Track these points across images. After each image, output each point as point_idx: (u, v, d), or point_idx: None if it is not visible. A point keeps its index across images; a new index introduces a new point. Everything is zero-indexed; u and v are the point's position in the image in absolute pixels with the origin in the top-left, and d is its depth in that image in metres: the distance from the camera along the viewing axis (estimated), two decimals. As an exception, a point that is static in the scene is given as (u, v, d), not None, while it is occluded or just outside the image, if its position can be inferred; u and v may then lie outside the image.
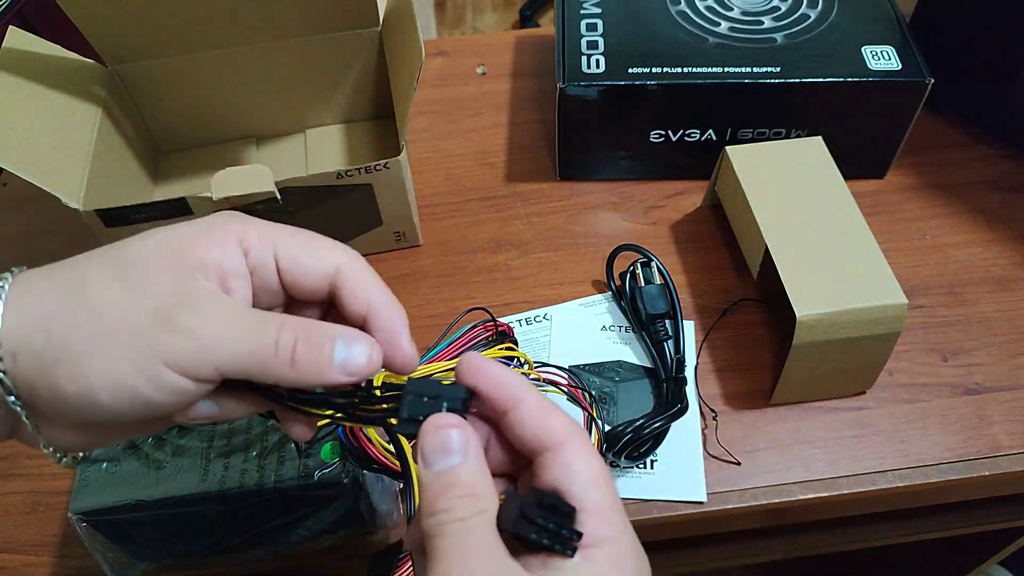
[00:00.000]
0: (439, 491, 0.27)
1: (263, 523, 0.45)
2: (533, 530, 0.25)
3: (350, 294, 0.30)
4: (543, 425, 0.28)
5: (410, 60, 0.54)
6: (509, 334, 0.52)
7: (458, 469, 0.27)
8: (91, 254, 0.28)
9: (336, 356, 0.28)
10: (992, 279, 0.59)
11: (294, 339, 0.27)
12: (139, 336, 0.26)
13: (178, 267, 0.27)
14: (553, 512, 0.26)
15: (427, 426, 0.28)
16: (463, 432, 0.27)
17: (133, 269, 0.27)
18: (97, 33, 0.59)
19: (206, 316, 0.27)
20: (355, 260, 0.30)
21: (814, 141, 0.58)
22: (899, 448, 0.51)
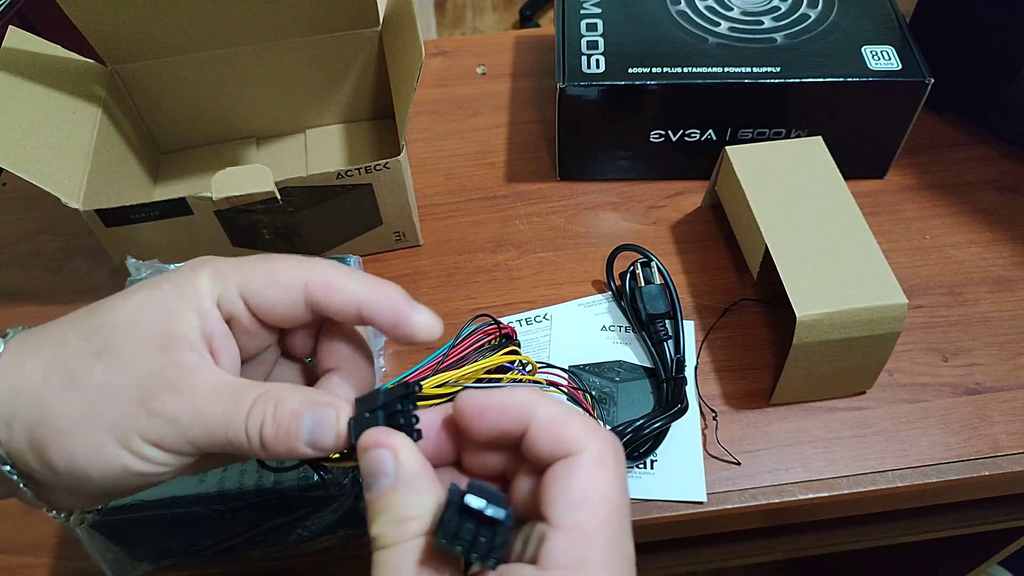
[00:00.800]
0: (373, 516, 0.26)
1: (263, 523, 0.45)
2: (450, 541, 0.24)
3: (330, 306, 0.29)
4: (557, 437, 0.26)
5: (410, 60, 0.54)
6: (512, 337, 0.52)
7: (389, 492, 0.26)
8: (74, 320, 0.29)
9: (303, 434, 0.28)
10: (992, 279, 0.59)
11: (261, 421, 0.27)
12: (122, 418, 0.27)
13: (161, 341, 0.27)
14: (475, 517, 0.24)
15: (359, 447, 0.27)
16: (390, 450, 0.26)
17: (115, 346, 0.27)
18: (97, 33, 0.59)
19: (184, 399, 0.27)
20: (318, 269, 0.30)
21: (814, 141, 0.58)
22: (899, 448, 0.51)
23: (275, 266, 0.30)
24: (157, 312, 0.28)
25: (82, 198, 0.53)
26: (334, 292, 0.29)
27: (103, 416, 0.27)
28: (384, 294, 0.29)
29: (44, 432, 0.27)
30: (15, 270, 0.64)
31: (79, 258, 0.64)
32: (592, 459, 0.26)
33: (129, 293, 0.29)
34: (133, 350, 0.27)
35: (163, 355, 0.27)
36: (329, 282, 0.29)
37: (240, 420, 0.27)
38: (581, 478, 0.25)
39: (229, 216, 0.55)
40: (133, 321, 0.28)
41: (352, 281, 0.29)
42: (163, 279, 0.29)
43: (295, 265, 0.30)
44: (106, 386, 0.27)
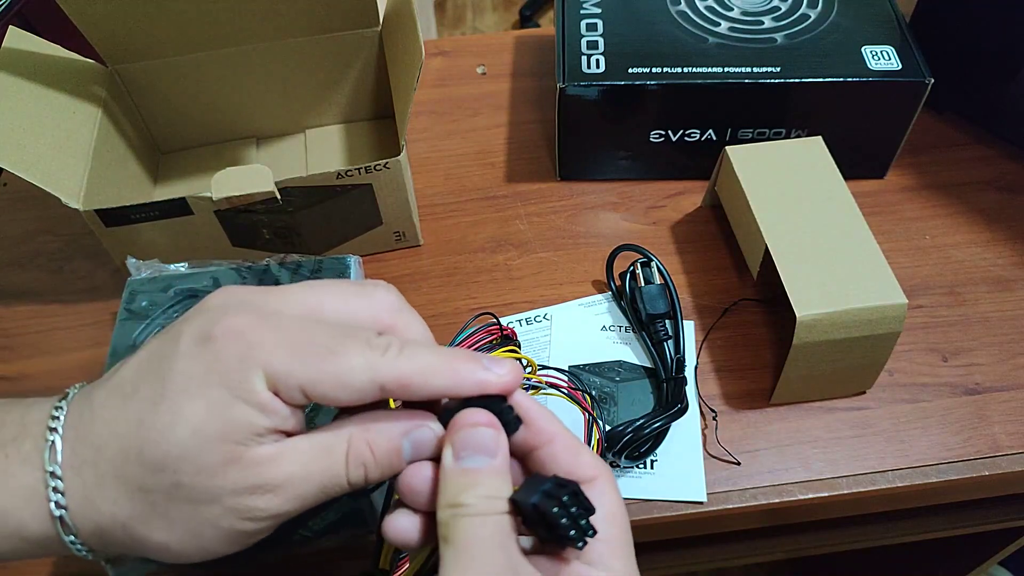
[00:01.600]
0: (464, 486, 0.27)
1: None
2: (555, 506, 0.26)
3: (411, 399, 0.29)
4: (577, 461, 0.30)
5: (410, 60, 0.54)
6: (512, 338, 0.52)
7: (485, 470, 0.28)
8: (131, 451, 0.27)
9: (405, 458, 0.29)
10: (992, 279, 0.59)
11: (364, 470, 0.28)
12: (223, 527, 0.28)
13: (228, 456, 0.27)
14: (579, 500, 0.27)
15: (461, 419, 0.28)
16: (497, 434, 0.28)
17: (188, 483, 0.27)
18: (97, 33, 0.59)
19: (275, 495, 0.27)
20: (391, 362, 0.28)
21: (814, 141, 0.58)
22: (899, 448, 0.51)
23: (340, 369, 0.28)
24: (217, 429, 0.27)
25: (82, 198, 0.53)
26: (415, 393, 0.28)
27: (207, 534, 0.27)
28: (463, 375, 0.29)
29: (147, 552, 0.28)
30: (15, 270, 0.64)
31: (79, 258, 0.64)
32: (610, 483, 0.30)
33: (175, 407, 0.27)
34: (208, 477, 0.27)
35: (238, 466, 0.27)
36: (407, 386, 0.28)
37: (341, 477, 0.28)
38: (608, 499, 0.29)
39: (229, 216, 0.55)
40: (195, 449, 0.27)
41: (428, 376, 0.28)
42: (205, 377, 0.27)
43: (366, 364, 0.28)
44: (197, 518, 0.27)
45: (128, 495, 0.27)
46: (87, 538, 0.28)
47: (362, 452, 0.28)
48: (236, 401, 0.27)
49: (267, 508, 0.28)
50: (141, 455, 0.27)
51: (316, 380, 0.27)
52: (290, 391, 0.28)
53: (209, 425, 0.27)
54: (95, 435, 0.28)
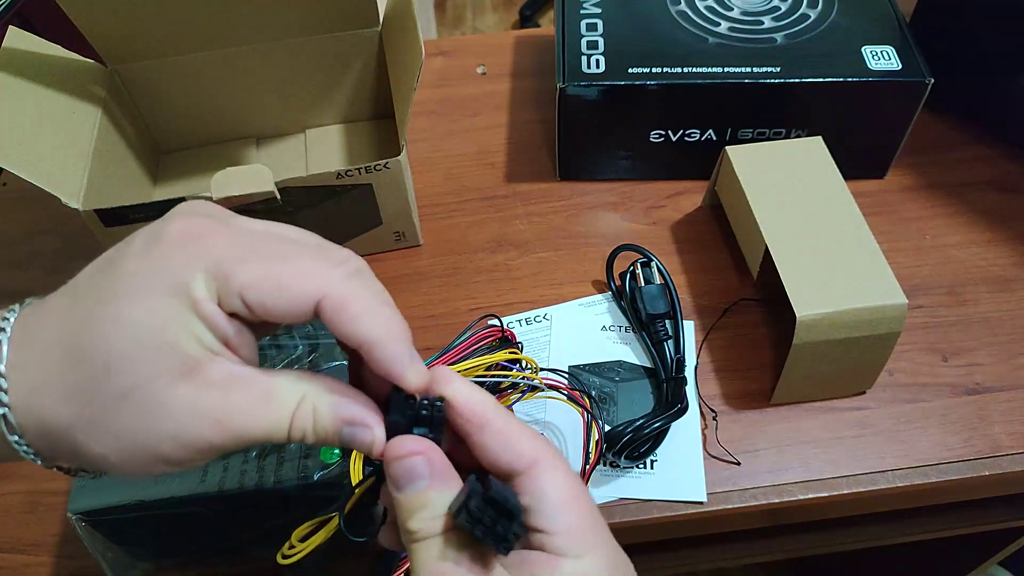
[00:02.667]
0: (410, 513, 0.28)
1: (263, 523, 0.45)
2: (471, 524, 0.26)
3: (336, 330, 0.28)
4: (509, 448, 0.29)
5: (410, 60, 0.54)
6: (511, 340, 0.52)
7: (424, 492, 0.28)
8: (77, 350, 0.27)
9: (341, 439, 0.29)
10: (992, 279, 0.59)
11: (302, 435, 0.28)
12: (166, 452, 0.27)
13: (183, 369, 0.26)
14: (496, 508, 0.27)
15: (389, 452, 0.28)
16: (425, 457, 0.28)
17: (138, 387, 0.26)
18: (97, 33, 0.59)
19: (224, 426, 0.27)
20: (336, 283, 0.27)
21: (814, 141, 0.58)
22: (899, 448, 0.51)
23: (284, 272, 0.27)
24: (163, 338, 0.26)
25: (82, 198, 0.53)
26: (345, 321, 0.28)
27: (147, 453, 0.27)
28: (391, 345, 0.28)
29: (90, 463, 0.27)
30: (15, 270, 0.64)
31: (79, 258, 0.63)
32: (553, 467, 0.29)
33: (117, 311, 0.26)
34: (160, 387, 0.26)
35: (189, 382, 0.26)
36: (343, 307, 0.27)
37: (283, 431, 0.28)
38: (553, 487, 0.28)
39: (229, 216, 0.55)
40: (143, 354, 0.26)
41: (366, 314, 0.28)
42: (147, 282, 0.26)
43: (309, 275, 0.27)
44: (144, 432, 0.26)
45: (73, 397, 0.26)
46: (33, 440, 0.27)
47: (306, 418, 0.28)
48: (177, 304, 0.26)
49: (209, 441, 0.27)
50: (87, 355, 0.26)
51: (256, 282, 0.27)
52: (230, 296, 0.27)
53: (154, 329, 0.26)
54: (44, 334, 0.27)
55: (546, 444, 0.29)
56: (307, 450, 0.44)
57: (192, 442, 0.27)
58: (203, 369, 0.27)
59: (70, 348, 0.27)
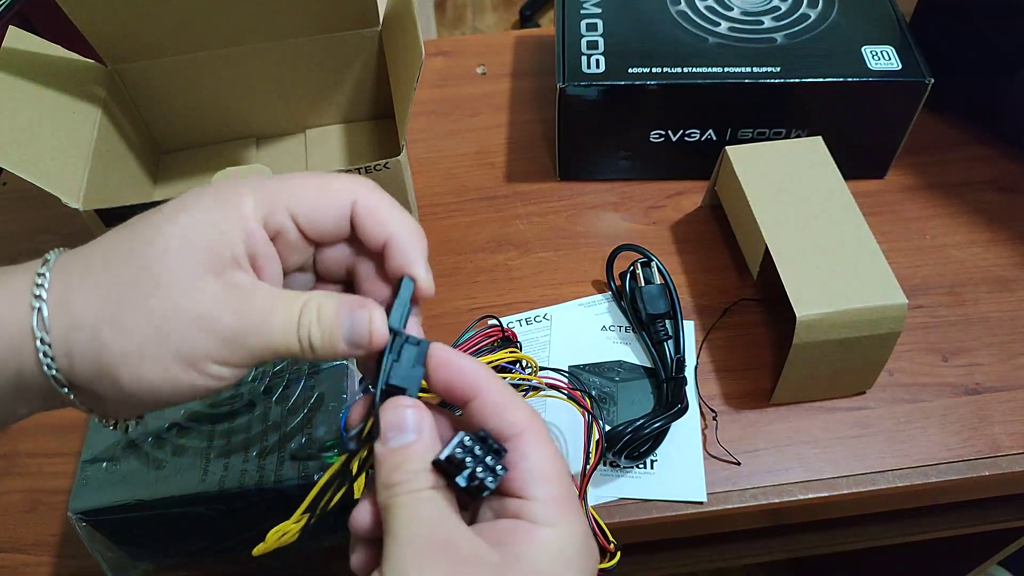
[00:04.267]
0: (394, 465, 0.29)
1: (263, 523, 0.45)
2: (463, 453, 0.28)
3: (367, 228, 0.31)
4: (501, 417, 0.30)
5: (410, 60, 0.54)
6: (512, 340, 0.52)
7: (413, 446, 0.29)
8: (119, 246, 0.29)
9: (343, 334, 0.30)
10: (992, 279, 0.59)
11: (309, 327, 0.29)
12: (190, 343, 0.28)
13: (213, 265, 0.29)
14: (485, 444, 0.29)
15: (385, 406, 0.30)
16: (417, 412, 0.30)
17: (169, 277, 0.28)
18: (97, 33, 0.59)
19: (245, 319, 0.29)
20: (370, 192, 0.31)
21: (814, 141, 0.58)
22: (899, 448, 0.51)
23: (327, 180, 0.31)
24: (205, 236, 0.29)
25: (82, 198, 0.53)
26: (376, 217, 0.31)
27: (170, 343, 0.28)
28: (411, 239, 0.31)
29: (112, 362, 0.28)
30: (15, 270, 0.64)
31: (79, 258, 0.64)
32: (539, 437, 0.30)
33: (172, 214, 0.29)
34: (189, 277, 0.28)
35: (217, 279, 0.28)
36: (376, 205, 0.31)
37: (292, 330, 0.29)
38: (536, 455, 0.29)
39: (229, 216, 0.55)
40: (182, 248, 0.28)
41: (392, 213, 0.31)
42: (205, 197, 0.30)
43: (348, 181, 0.32)
44: (168, 315, 0.28)
45: (110, 289, 0.28)
46: (57, 343, 0.28)
47: (311, 314, 0.29)
48: (226, 220, 0.29)
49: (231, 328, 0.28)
50: (131, 255, 0.29)
51: (300, 190, 0.31)
52: (277, 213, 0.30)
53: (198, 230, 0.29)
54: (91, 245, 0.30)
55: (535, 415, 0.30)
56: (308, 451, 0.44)
57: (216, 328, 0.28)
58: (229, 272, 0.29)
59: (116, 246, 0.29)
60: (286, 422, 0.45)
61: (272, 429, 0.45)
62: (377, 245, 0.31)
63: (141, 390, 0.28)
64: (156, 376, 0.28)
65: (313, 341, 0.30)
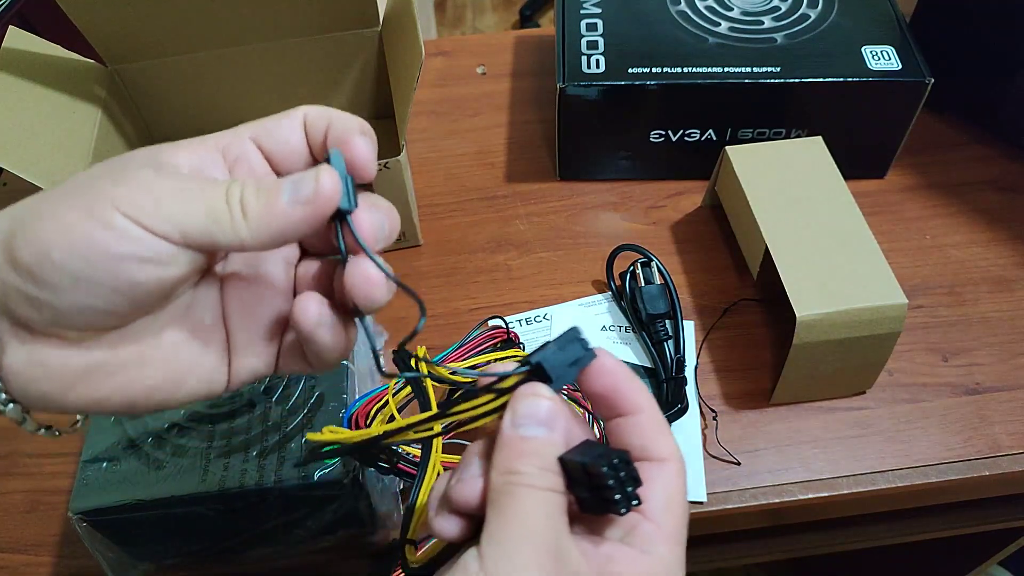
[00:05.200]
0: (520, 453, 0.27)
1: (263, 523, 0.45)
2: (606, 466, 0.26)
3: (314, 128, 0.31)
4: (655, 439, 0.29)
5: (410, 60, 0.54)
6: (516, 342, 0.52)
7: (543, 440, 0.27)
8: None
9: (284, 194, 0.28)
10: (992, 279, 0.59)
11: (240, 191, 0.27)
12: (93, 190, 0.26)
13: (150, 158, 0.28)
14: (626, 466, 0.27)
15: (524, 389, 0.28)
16: (556, 407, 0.28)
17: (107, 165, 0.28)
18: (97, 33, 0.59)
19: (161, 175, 0.27)
20: (317, 108, 0.32)
21: (814, 141, 0.58)
22: (899, 448, 0.51)
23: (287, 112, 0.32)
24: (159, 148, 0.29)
25: (82, 198, 0.53)
26: (321, 114, 0.32)
27: (74, 196, 0.26)
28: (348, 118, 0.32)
29: (14, 228, 0.25)
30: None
31: (79, 258, 0.64)
32: (679, 471, 0.29)
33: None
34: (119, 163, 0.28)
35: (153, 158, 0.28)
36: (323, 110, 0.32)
37: (219, 191, 0.27)
38: (673, 487, 0.29)
39: (229, 216, 0.55)
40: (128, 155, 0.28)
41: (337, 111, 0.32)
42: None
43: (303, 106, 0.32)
44: (83, 175, 0.27)
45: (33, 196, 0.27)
46: None
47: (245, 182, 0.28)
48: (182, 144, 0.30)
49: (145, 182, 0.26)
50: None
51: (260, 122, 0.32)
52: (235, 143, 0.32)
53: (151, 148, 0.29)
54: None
55: (678, 449, 0.29)
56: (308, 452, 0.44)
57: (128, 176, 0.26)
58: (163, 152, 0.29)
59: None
60: (286, 422, 0.45)
61: (272, 429, 0.45)
62: (319, 139, 0.31)
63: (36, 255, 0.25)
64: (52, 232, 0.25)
65: (247, 204, 0.27)
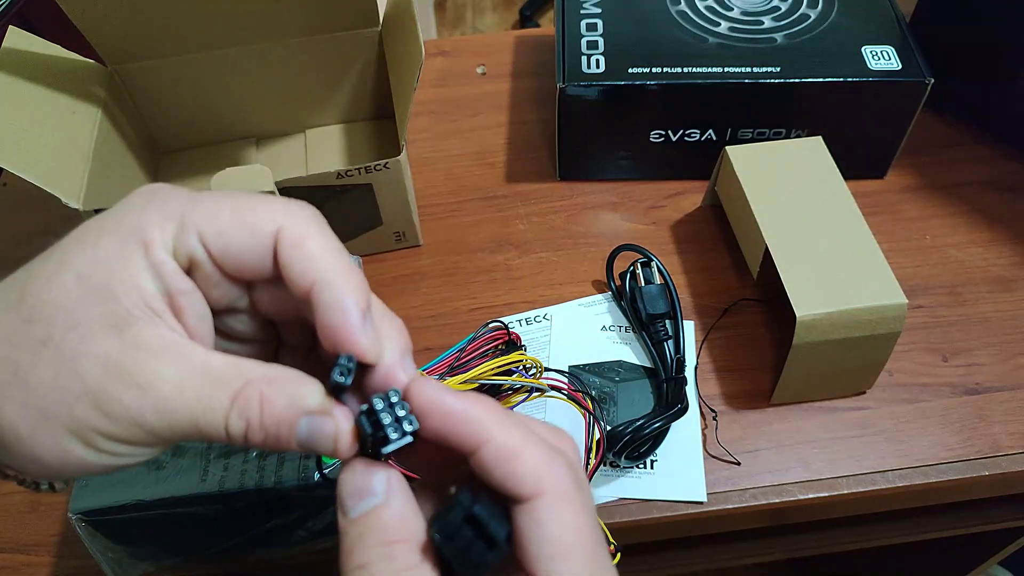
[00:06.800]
0: (355, 540, 0.24)
1: (263, 523, 0.45)
2: (443, 538, 0.23)
3: (289, 267, 0.24)
4: (511, 473, 0.24)
5: (410, 60, 0.54)
6: (517, 344, 0.52)
7: (377, 511, 0.24)
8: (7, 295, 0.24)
9: (297, 437, 0.24)
10: (992, 279, 0.59)
11: (246, 425, 0.24)
12: (80, 420, 0.23)
13: (112, 320, 0.23)
14: (477, 529, 0.23)
15: (343, 474, 0.25)
16: (381, 471, 0.24)
17: (60, 334, 0.23)
18: (97, 33, 0.59)
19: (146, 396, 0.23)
20: (301, 220, 0.25)
21: (814, 141, 0.58)
22: (899, 448, 0.51)
23: (245, 205, 0.25)
24: (102, 282, 0.23)
25: (82, 198, 0.53)
26: (297, 256, 0.24)
27: (61, 419, 0.23)
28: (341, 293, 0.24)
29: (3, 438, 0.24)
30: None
31: (79, 258, 0.64)
32: (556, 499, 0.24)
33: (63, 260, 0.24)
34: (82, 338, 0.23)
35: (118, 339, 0.23)
36: (301, 241, 0.25)
37: (218, 421, 0.24)
38: (552, 526, 0.23)
39: (229, 216, 0.55)
40: (76, 300, 0.23)
41: (326, 252, 0.25)
42: (100, 228, 0.24)
43: (271, 207, 0.25)
44: (59, 386, 0.23)
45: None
46: None
47: (251, 404, 0.24)
48: (127, 257, 0.24)
49: (127, 408, 0.23)
50: (21, 303, 0.24)
51: (212, 213, 0.24)
52: (186, 235, 0.24)
53: (95, 272, 0.23)
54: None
55: (555, 468, 0.24)
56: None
57: (110, 408, 0.23)
58: (135, 327, 0.23)
59: (7, 300, 0.24)
60: (286, 422, 0.45)
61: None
62: (301, 291, 0.24)
63: (40, 469, 0.24)
64: (49, 454, 0.23)
65: (251, 441, 0.24)
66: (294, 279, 0.24)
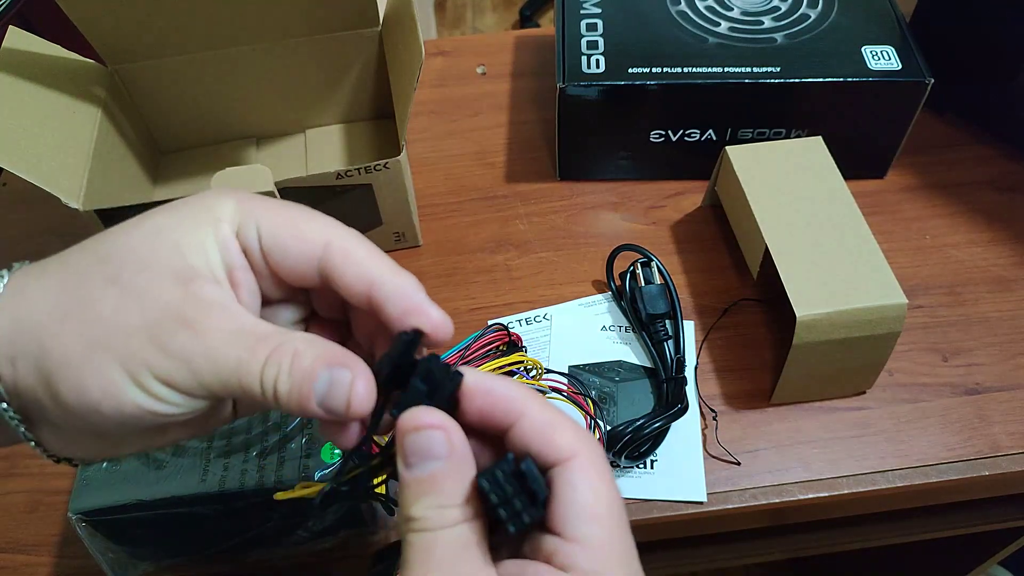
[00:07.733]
0: (415, 497, 0.25)
1: (263, 523, 0.45)
2: (490, 488, 0.25)
3: (341, 276, 0.27)
4: (547, 441, 0.26)
5: (410, 60, 0.54)
6: (518, 345, 0.52)
7: (437, 475, 0.25)
8: (85, 248, 0.27)
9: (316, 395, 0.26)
10: (992, 279, 0.59)
11: (276, 374, 0.26)
12: (134, 353, 0.25)
13: (180, 273, 0.26)
14: (521, 483, 0.25)
15: (404, 422, 0.25)
16: (444, 434, 0.25)
17: (130, 275, 0.25)
18: (97, 33, 0.59)
19: (198, 339, 0.25)
20: (343, 233, 0.28)
21: (814, 141, 0.58)
22: (899, 448, 0.51)
23: (301, 216, 0.28)
24: (176, 239, 0.26)
25: (82, 198, 0.53)
26: (352, 262, 0.27)
27: (114, 349, 0.25)
28: (402, 277, 0.27)
29: (52, 366, 0.25)
30: (15, 270, 0.64)
31: (79, 258, 0.64)
32: (590, 467, 0.25)
33: (144, 218, 0.27)
34: (149, 280, 0.25)
35: (181, 288, 0.25)
36: (349, 251, 0.27)
37: (255, 371, 0.25)
38: (585, 490, 0.25)
39: (229, 216, 0.55)
40: (149, 248, 0.26)
41: (372, 257, 0.27)
42: (183, 202, 0.28)
43: (323, 223, 0.28)
44: (118, 319, 0.25)
45: (57, 289, 0.26)
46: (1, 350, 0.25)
47: (284, 354, 0.25)
48: (201, 225, 0.27)
49: (181, 347, 0.25)
50: (99, 245, 0.27)
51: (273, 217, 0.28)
52: (248, 227, 0.27)
53: (171, 231, 0.27)
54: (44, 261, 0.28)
55: (586, 439, 0.26)
56: (308, 449, 0.44)
57: (163, 343, 0.25)
58: (197, 282, 0.26)
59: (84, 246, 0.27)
60: (286, 422, 0.45)
61: (272, 429, 0.45)
62: (359, 294, 0.27)
63: (82, 403, 0.25)
64: (96, 385, 0.25)
65: (279, 392, 0.25)
66: (349, 284, 0.27)
